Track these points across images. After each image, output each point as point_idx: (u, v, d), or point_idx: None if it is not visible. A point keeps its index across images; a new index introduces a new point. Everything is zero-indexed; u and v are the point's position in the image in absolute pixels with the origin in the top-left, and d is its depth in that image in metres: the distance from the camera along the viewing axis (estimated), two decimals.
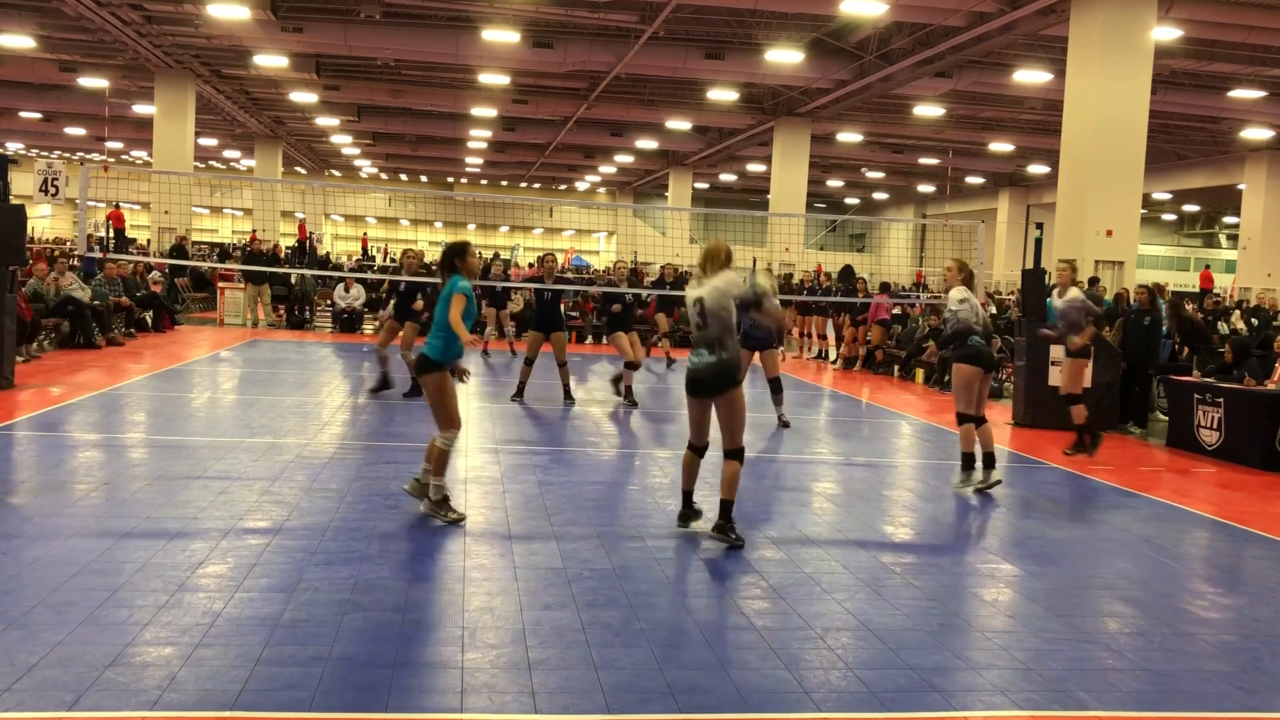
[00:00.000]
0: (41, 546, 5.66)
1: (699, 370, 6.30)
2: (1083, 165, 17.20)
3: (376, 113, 35.08)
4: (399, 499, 7.16)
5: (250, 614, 4.82)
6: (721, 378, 6.25)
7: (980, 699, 4.33)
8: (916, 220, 53.72)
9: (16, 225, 11.74)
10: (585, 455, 9.47)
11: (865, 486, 8.70)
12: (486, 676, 4.27)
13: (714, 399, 6.34)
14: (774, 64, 23.77)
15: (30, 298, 14.50)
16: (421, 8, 22.26)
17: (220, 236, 52.81)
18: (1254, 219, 31.67)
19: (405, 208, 64.23)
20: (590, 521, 6.86)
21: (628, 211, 57.11)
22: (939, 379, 16.19)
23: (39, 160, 19.25)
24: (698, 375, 6.31)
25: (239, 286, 22.59)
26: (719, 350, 6.25)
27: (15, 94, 34.29)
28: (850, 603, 5.48)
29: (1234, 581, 6.52)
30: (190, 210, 33.11)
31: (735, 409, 6.33)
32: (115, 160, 49.09)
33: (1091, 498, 8.72)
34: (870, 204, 58.71)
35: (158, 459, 8.17)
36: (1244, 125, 28.64)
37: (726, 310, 6.25)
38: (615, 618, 5.03)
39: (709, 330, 6.27)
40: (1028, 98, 26.96)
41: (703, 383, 6.30)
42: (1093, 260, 17.28)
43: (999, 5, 18.50)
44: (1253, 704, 4.49)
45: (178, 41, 25.39)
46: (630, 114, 32.53)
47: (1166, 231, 57.26)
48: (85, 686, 3.96)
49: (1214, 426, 11.05)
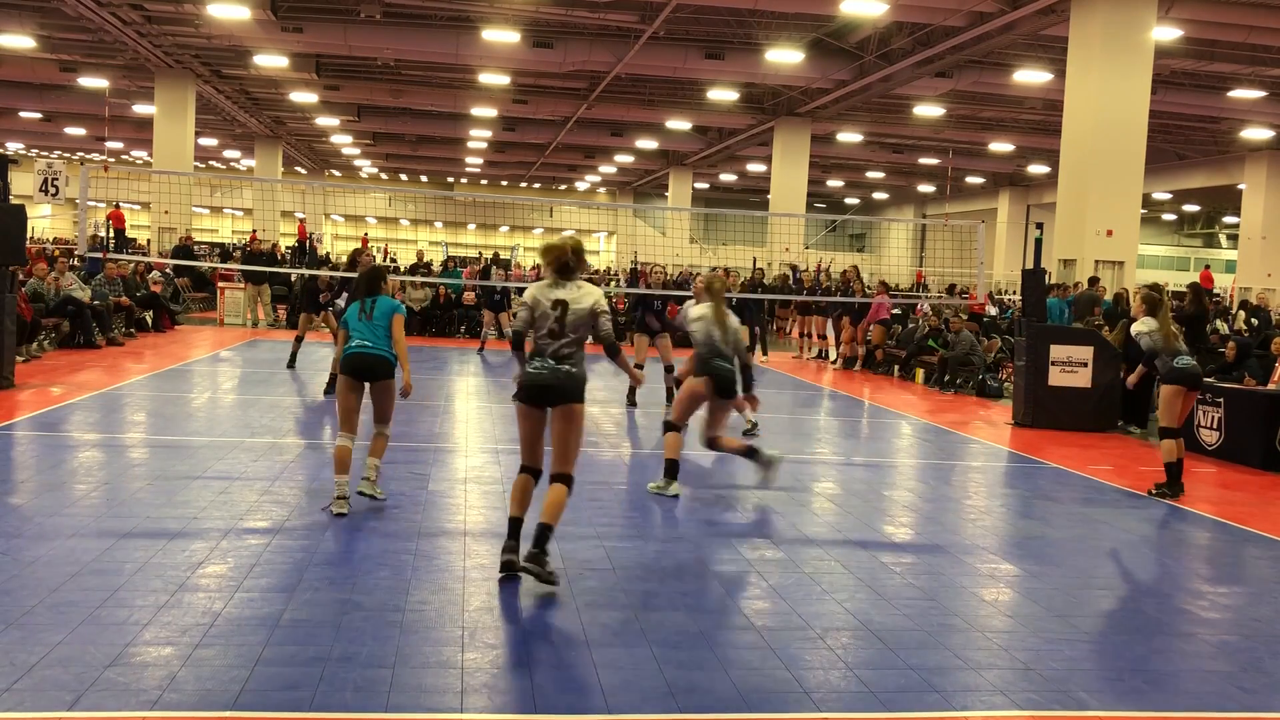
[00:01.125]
0: (41, 546, 5.66)
1: (545, 377, 5.61)
2: (1083, 165, 17.20)
3: (376, 113, 35.09)
4: (399, 499, 7.17)
5: (250, 614, 4.82)
6: (572, 390, 5.63)
7: (980, 699, 4.33)
8: (916, 220, 53.71)
9: (16, 225, 11.75)
10: (585, 455, 9.46)
11: (865, 486, 8.70)
12: (486, 676, 4.28)
13: (556, 408, 5.65)
14: (774, 64, 23.77)
15: (30, 298, 14.50)
16: (421, 8, 22.27)
17: (220, 236, 52.79)
18: (1254, 219, 31.68)
19: (405, 208, 64.23)
20: (590, 521, 6.86)
21: (628, 211, 57.09)
22: (939, 379, 16.20)
23: (39, 160, 19.29)
24: (544, 382, 5.61)
25: (239, 286, 22.59)
26: (570, 363, 5.64)
27: (15, 94, 34.29)
28: (850, 603, 5.48)
29: (1234, 582, 6.52)
30: (190, 210, 33.11)
31: (574, 424, 5.67)
32: (115, 160, 49.08)
33: (1091, 498, 8.72)
34: (870, 204, 58.71)
35: (158, 459, 8.17)
36: (1244, 125, 28.64)
37: (587, 327, 5.70)
38: (615, 618, 5.03)
39: (567, 340, 5.65)
40: (1028, 98, 26.97)
41: (550, 389, 5.61)
42: (1093, 260, 17.29)
43: (999, 5, 18.50)
44: (1253, 704, 4.49)
45: (178, 41, 25.39)
46: (630, 114, 32.54)
47: (1166, 231, 57.27)
48: (85, 686, 3.95)
49: (1214, 426, 11.06)
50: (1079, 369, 12.54)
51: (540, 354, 5.66)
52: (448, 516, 6.90)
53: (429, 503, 7.21)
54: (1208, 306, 15.33)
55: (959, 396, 15.45)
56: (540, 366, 5.63)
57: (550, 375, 5.60)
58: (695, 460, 9.35)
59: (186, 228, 29.87)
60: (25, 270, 14.45)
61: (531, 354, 5.71)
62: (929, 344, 16.91)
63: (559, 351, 5.62)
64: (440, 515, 6.91)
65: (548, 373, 5.60)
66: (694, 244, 51.34)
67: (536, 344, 5.72)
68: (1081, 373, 12.54)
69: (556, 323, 5.63)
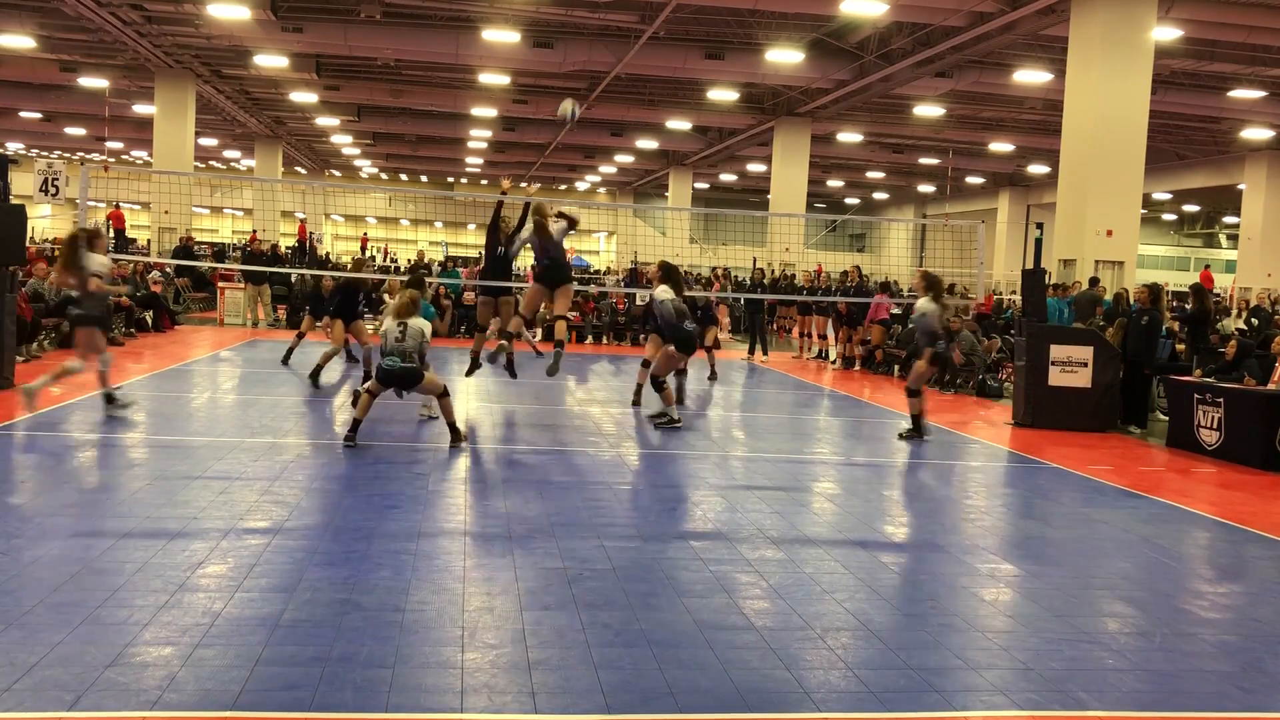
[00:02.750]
0: (41, 546, 5.66)
1: (395, 371, 8.88)
2: (1083, 165, 17.20)
3: (376, 113, 35.07)
4: (399, 499, 7.17)
5: (250, 614, 4.82)
6: (411, 379, 8.95)
7: (980, 699, 4.33)
8: (916, 220, 53.71)
9: (16, 225, 11.75)
10: (586, 455, 9.47)
11: (865, 486, 8.70)
12: (486, 676, 4.28)
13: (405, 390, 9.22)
14: (774, 64, 23.76)
15: (30, 298, 14.50)
16: (421, 8, 22.26)
17: (220, 236, 52.79)
18: (1254, 219, 31.68)
19: (405, 208, 64.23)
20: (590, 521, 6.86)
21: (628, 211, 57.08)
22: (939, 379, 16.18)
23: (39, 160, 19.29)
24: (394, 373, 8.89)
25: (239, 286, 22.58)
26: (411, 359, 8.88)
27: (15, 94, 34.27)
28: (850, 603, 5.48)
29: (1234, 581, 6.52)
30: (190, 210, 33.10)
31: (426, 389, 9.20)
32: (115, 160, 49.08)
33: (1091, 498, 8.72)
34: (870, 204, 58.70)
35: (158, 459, 8.17)
36: (1244, 125, 28.62)
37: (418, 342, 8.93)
38: (615, 618, 5.03)
39: (406, 344, 8.83)
40: (1028, 98, 26.95)
41: (394, 377, 8.90)
42: (1093, 260, 17.28)
43: (999, 5, 18.50)
44: (1253, 704, 4.49)
45: (178, 41, 25.38)
46: (630, 114, 32.52)
47: (1166, 231, 57.27)
48: (85, 686, 3.96)
49: (1214, 426, 11.06)
50: (1079, 369, 12.54)
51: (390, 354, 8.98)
52: (448, 516, 6.89)
53: (429, 503, 7.21)
54: (1209, 307, 15.34)
55: (959, 396, 15.45)
56: (390, 363, 8.97)
57: (396, 370, 8.92)
58: (696, 460, 9.36)
59: (187, 228, 29.86)
60: (25, 270, 14.45)
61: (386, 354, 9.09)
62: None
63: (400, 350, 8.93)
64: (440, 515, 6.91)
65: (398, 369, 8.95)
66: (694, 244, 51.31)
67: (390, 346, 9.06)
68: (1081, 373, 12.55)
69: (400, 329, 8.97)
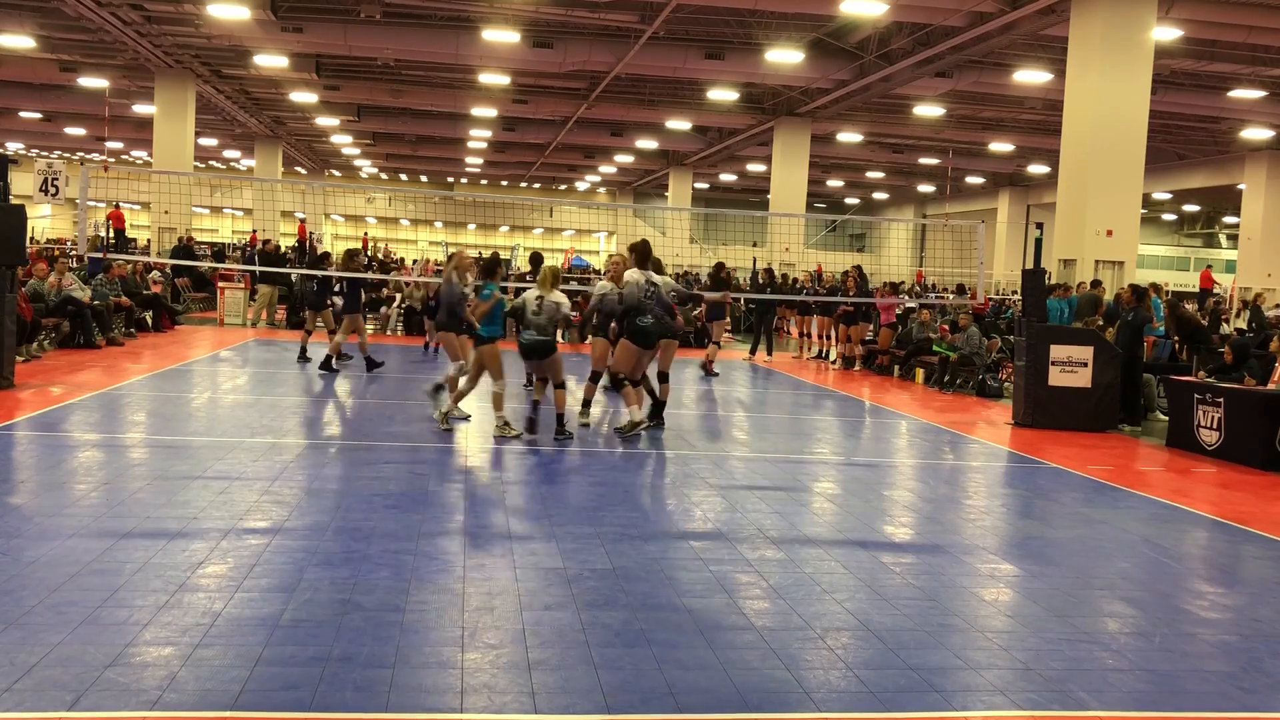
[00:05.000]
0: (41, 546, 5.66)
1: (529, 344, 9.87)
2: (1083, 165, 17.20)
3: (376, 113, 35.08)
4: (399, 499, 7.17)
5: (250, 614, 4.82)
6: (543, 350, 9.84)
7: (980, 699, 4.33)
8: (916, 220, 53.71)
9: (16, 225, 11.75)
10: (586, 455, 9.47)
11: (865, 486, 8.70)
12: (486, 676, 4.27)
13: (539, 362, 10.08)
14: (774, 64, 23.77)
15: (30, 298, 14.50)
16: (421, 8, 22.26)
17: (220, 236, 52.79)
18: (1254, 219, 31.68)
19: (405, 208, 64.22)
20: (590, 521, 6.86)
21: (628, 211, 57.06)
22: (939, 379, 16.19)
23: (39, 160, 19.28)
24: (529, 346, 9.90)
25: (239, 286, 22.56)
26: (546, 332, 9.79)
27: (15, 94, 34.29)
28: (850, 603, 5.48)
29: (1234, 581, 6.52)
30: (190, 210, 33.11)
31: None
32: (115, 160, 49.09)
33: (1091, 498, 8.72)
34: (870, 204, 58.71)
35: (158, 459, 8.17)
36: (1244, 125, 28.63)
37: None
38: (615, 618, 5.03)
39: (540, 318, 9.73)
40: (1028, 98, 26.96)
41: (529, 349, 9.92)
42: (1093, 260, 17.29)
43: (999, 5, 18.50)
44: (1253, 704, 4.49)
45: (178, 41, 25.39)
46: (630, 114, 32.53)
47: (1166, 231, 57.26)
48: (85, 686, 3.95)
49: (1214, 426, 11.05)
50: (1079, 369, 12.54)
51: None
52: (448, 516, 6.90)
53: (429, 503, 7.21)
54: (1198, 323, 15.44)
55: (959, 396, 15.45)
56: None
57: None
58: (696, 460, 9.35)
59: (186, 228, 29.87)
60: (25, 270, 14.46)
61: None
62: (935, 348, 16.85)
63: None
64: (440, 515, 6.91)
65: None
66: (694, 244, 51.30)
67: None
68: (1081, 373, 12.54)
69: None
